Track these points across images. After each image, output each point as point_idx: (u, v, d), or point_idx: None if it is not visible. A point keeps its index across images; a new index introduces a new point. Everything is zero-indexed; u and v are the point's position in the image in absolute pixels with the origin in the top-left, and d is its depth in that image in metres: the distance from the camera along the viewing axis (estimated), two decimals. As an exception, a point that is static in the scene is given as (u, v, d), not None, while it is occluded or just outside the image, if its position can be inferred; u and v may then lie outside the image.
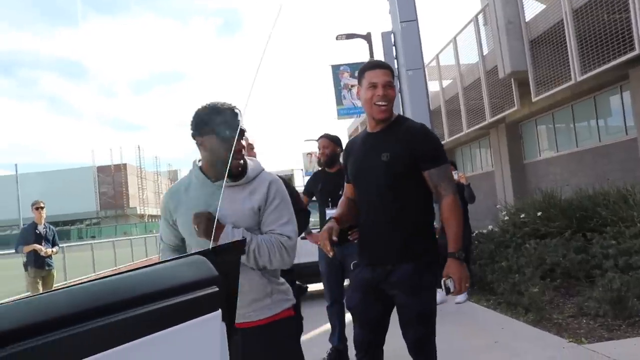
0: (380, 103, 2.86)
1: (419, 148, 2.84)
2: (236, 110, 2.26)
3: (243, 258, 2.06)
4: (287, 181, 3.91)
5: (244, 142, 2.33)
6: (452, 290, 2.74)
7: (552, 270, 6.87)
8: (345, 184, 3.25)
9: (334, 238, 2.85)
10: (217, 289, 1.07)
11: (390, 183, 2.84)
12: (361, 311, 3.00)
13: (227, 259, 1.18)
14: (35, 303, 0.84)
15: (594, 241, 7.06)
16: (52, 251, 8.35)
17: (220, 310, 1.06)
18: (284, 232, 2.31)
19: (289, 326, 2.40)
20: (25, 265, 8.44)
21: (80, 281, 0.99)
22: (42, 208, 8.42)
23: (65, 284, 13.33)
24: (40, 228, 8.35)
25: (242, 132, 2.27)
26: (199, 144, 2.31)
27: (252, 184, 2.35)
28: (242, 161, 2.31)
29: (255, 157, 3.67)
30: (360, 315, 3.01)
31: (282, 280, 2.43)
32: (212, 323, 1.04)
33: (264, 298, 2.30)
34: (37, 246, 8.13)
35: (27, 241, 8.24)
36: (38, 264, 8.19)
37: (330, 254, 2.86)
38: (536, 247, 7.71)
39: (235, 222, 2.25)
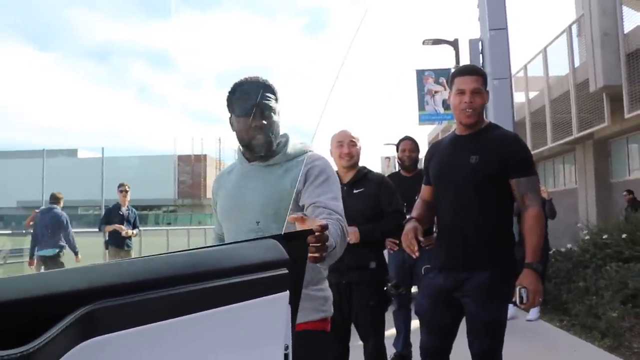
0: (467, 110, 2.83)
1: (511, 155, 2.79)
2: (255, 83, 2.04)
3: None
4: (388, 180, 3.86)
5: (276, 118, 2.06)
6: (524, 300, 2.66)
7: (635, 297, 6.50)
8: (423, 185, 3.19)
9: (420, 238, 2.81)
10: (287, 271, 1.14)
11: (475, 186, 2.79)
12: (430, 317, 2.97)
13: (296, 244, 1.26)
14: (128, 265, 0.95)
15: (684, 270, 6.66)
16: (133, 233, 8.69)
17: (288, 291, 1.14)
18: (334, 207, 1.91)
19: (314, 341, 1.99)
20: (106, 244, 8.84)
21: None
22: (127, 191, 8.78)
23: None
24: (124, 210, 8.71)
25: (261, 106, 2.02)
26: (230, 125, 2.14)
27: (290, 162, 2.10)
28: (264, 139, 2.03)
29: (357, 154, 3.64)
30: (429, 322, 2.98)
31: (320, 285, 2.08)
32: (280, 302, 1.12)
33: None
34: (118, 226, 8.47)
35: (110, 221, 8.62)
36: (118, 244, 8.54)
37: (416, 255, 2.80)
38: (618, 270, 7.34)
39: (262, 204, 1.99)
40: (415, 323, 5.17)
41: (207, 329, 0.96)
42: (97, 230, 9.36)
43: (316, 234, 1.43)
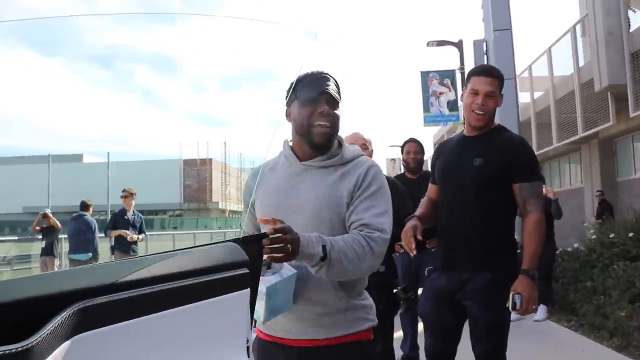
0: (477, 112, 2.82)
1: (516, 159, 2.78)
2: (323, 75, 1.97)
3: (314, 270, 1.72)
4: (399, 184, 3.84)
5: (338, 112, 1.97)
6: (517, 307, 2.64)
7: (642, 295, 6.50)
8: (429, 184, 3.19)
9: (419, 237, 2.79)
10: (247, 270, 1.26)
11: (478, 188, 2.79)
12: (433, 320, 2.97)
13: (254, 247, 1.40)
14: (105, 268, 1.05)
15: (692, 268, 6.63)
16: (138, 238, 8.68)
17: (249, 289, 1.25)
18: (376, 224, 1.82)
19: (364, 351, 1.95)
20: (112, 249, 8.86)
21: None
22: (130, 196, 8.78)
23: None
24: (129, 215, 8.71)
25: (329, 95, 1.93)
26: (287, 117, 2.03)
27: (346, 166, 1.96)
28: (329, 128, 1.92)
29: (370, 157, 3.63)
30: (432, 324, 2.98)
31: (364, 294, 2.01)
32: (242, 299, 1.23)
33: (336, 314, 1.88)
34: (123, 231, 8.48)
35: (116, 226, 8.63)
36: (124, 249, 8.55)
37: (413, 253, 2.78)
38: (625, 269, 7.31)
39: (317, 208, 1.88)
40: (422, 325, 5.17)
41: (181, 324, 1.05)
42: (103, 235, 9.42)
43: (270, 236, 1.53)
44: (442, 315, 2.90)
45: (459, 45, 15.03)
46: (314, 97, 1.92)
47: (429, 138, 33.92)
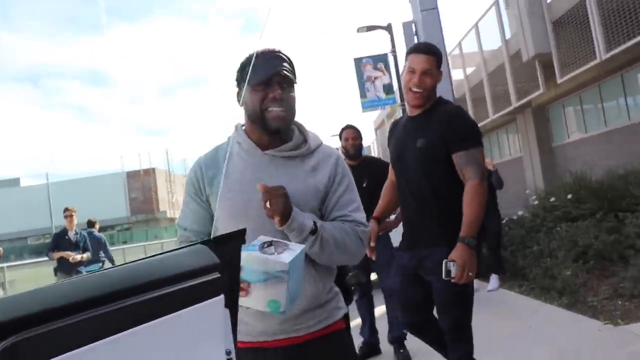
0: (414, 89, 2.82)
1: (451, 130, 2.76)
2: (276, 54, 1.79)
3: (309, 252, 1.64)
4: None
5: (294, 94, 1.81)
6: (452, 274, 2.61)
7: (585, 253, 6.75)
8: (390, 167, 3.22)
9: (372, 244, 2.97)
10: (219, 275, 1.13)
11: (424, 169, 2.82)
12: (403, 295, 3.07)
13: (227, 247, 1.25)
14: (44, 292, 0.88)
15: (627, 221, 6.91)
16: (82, 257, 8.46)
17: (223, 295, 1.13)
18: (359, 219, 1.81)
19: (341, 341, 1.89)
20: (55, 271, 8.64)
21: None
22: (72, 215, 8.56)
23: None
24: (71, 234, 8.49)
25: (282, 77, 1.77)
26: (238, 100, 1.85)
27: (314, 156, 1.84)
28: (284, 113, 1.77)
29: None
30: (404, 299, 3.08)
31: (332, 284, 1.95)
32: (215, 307, 1.10)
33: (317, 308, 1.81)
34: (65, 253, 8.27)
35: (59, 247, 8.40)
36: (67, 270, 8.32)
37: (374, 259, 3.02)
38: (567, 230, 7.58)
39: (296, 205, 1.71)
40: (379, 310, 5.22)
41: (141, 345, 0.93)
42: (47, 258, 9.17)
43: (266, 191, 1.62)
44: (411, 290, 2.99)
45: (388, 28, 15.19)
46: (265, 80, 1.75)
47: (369, 124, 34.27)
